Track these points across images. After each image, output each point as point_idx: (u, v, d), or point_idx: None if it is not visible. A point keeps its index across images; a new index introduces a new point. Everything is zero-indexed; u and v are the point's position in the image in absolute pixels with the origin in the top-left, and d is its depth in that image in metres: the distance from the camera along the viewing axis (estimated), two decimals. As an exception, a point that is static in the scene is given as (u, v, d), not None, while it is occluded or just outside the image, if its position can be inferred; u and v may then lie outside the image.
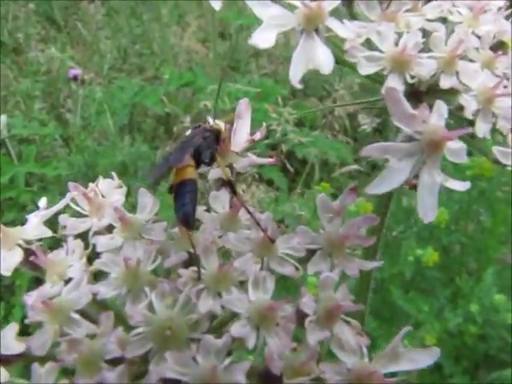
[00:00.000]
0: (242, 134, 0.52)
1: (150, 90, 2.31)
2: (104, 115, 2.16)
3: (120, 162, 2.11)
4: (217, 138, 0.50)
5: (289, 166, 2.30)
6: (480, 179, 1.49)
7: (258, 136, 0.53)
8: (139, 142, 2.22)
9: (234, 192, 0.47)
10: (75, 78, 2.24)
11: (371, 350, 0.41)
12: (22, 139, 2.00)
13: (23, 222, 0.51)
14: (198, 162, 0.48)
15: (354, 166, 2.20)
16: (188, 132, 0.52)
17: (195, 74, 2.32)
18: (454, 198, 1.57)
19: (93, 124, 2.19)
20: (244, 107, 0.54)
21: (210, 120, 0.52)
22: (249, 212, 0.45)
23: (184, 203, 0.43)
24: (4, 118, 1.70)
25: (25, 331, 0.42)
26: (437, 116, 0.39)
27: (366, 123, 2.38)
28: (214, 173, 0.51)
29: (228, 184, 0.47)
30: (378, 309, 1.50)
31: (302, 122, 2.43)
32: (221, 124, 0.53)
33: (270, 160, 0.53)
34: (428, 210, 0.39)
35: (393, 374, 0.40)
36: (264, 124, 0.53)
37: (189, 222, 0.43)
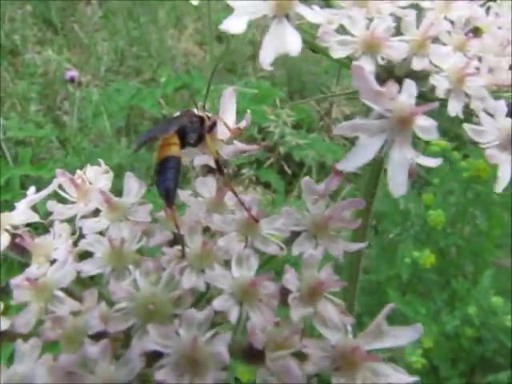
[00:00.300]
0: (227, 123, 0.53)
1: (147, 92, 2.32)
2: (101, 117, 2.17)
3: (116, 165, 2.12)
4: (202, 125, 0.51)
5: (286, 169, 2.31)
6: (476, 181, 1.50)
7: (243, 124, 0.53)
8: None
9: (221, 172, 0.47)
10: (72, 80, 2.24)
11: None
12: (18, 141, 2.00)
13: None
14: (183, 144, 0.49)
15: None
16: (176, 114, 0.52)
17: (192, 77, 2.33)
18: (451, 200, 1.58)
19: (89, 126, 2.19)
20: (228, 97, 0.54)
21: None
22: (234, 192, 0.46)
23: (166, 178, 0.44)
24: (-1, 120, 1.70)
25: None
26: (407, 94, 0.39)
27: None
28: (200, 159, 0.52)
29: (215, 164, 0.47)
30: (374, 311, 1.50)
31: (299, 124, 2.43)
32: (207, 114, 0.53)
33: (256, 147, 0.54)
34: (398, 185, 0.40)
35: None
36: (248, 111, 0.53)
37: (169, 196, 0.44)
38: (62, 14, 2.79)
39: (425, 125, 0.39)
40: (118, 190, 0.53)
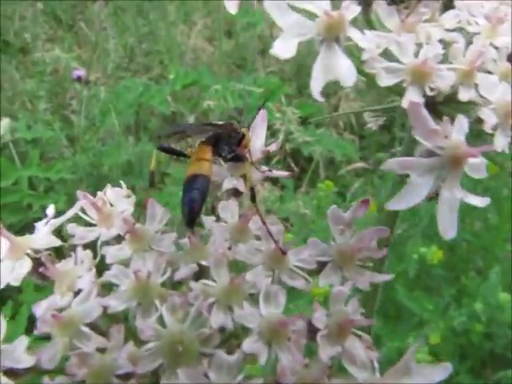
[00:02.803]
0: (257, 145, 0.52)
1: (155, 89, 2.31)
2: (109, 115, 2.16)
3: (125, 162, 2.11)
4: (239, 142, 0.50)
5: (293, 166, 2.30)
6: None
7: (273, 147, 0.53)
8: (145, 141, 2.22)
9: (253, 200, 0.46)
10: (79, 80, 2.23)
11: (376, 348, 0.40)
12: (27, 140, 2.00)
13: (27, 224, 0.51)
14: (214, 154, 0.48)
15: (360, 164, 2.19)
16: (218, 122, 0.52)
17: (200, 73, 2.32)
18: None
19: (97, 124, 2.19)
20: (261, 118, 0.54)
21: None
22: (263, 222, 0.45)
23: (191, 199, 0.43)
24: (7, 121, 1.70)
25: (32, 329, 0.41)
26: (457, 130, 0.38)
27: (372, 121, 2.38)
28: (229, 182, 0.51)
29: (251, 193, 0.47)
30: (382, 307, 1.50)
31: (307, 119, 2.42)
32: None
33: (286, 173, 0.53)
34: (448, 226, 0.38)
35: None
36: (280, 138, 0.53)
37: (191, 219, 0.43)
38: (73, 12, 2.78)
39: (476, 163, 0.38)
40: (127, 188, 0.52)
